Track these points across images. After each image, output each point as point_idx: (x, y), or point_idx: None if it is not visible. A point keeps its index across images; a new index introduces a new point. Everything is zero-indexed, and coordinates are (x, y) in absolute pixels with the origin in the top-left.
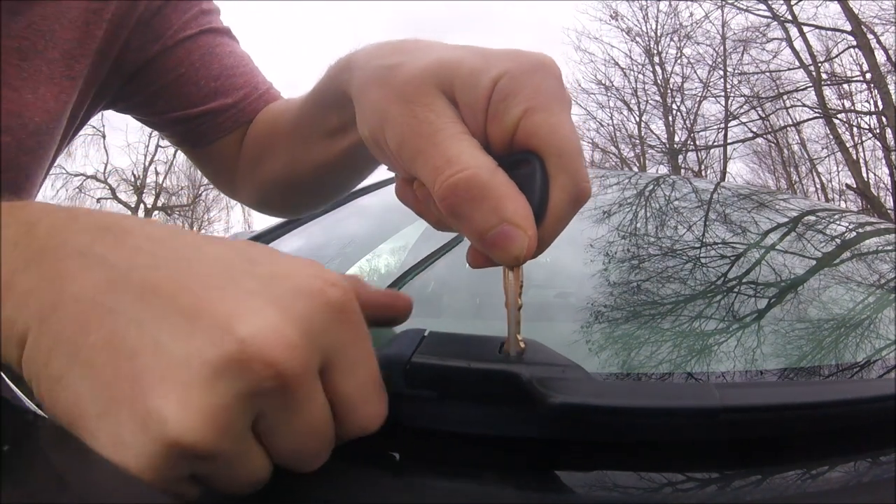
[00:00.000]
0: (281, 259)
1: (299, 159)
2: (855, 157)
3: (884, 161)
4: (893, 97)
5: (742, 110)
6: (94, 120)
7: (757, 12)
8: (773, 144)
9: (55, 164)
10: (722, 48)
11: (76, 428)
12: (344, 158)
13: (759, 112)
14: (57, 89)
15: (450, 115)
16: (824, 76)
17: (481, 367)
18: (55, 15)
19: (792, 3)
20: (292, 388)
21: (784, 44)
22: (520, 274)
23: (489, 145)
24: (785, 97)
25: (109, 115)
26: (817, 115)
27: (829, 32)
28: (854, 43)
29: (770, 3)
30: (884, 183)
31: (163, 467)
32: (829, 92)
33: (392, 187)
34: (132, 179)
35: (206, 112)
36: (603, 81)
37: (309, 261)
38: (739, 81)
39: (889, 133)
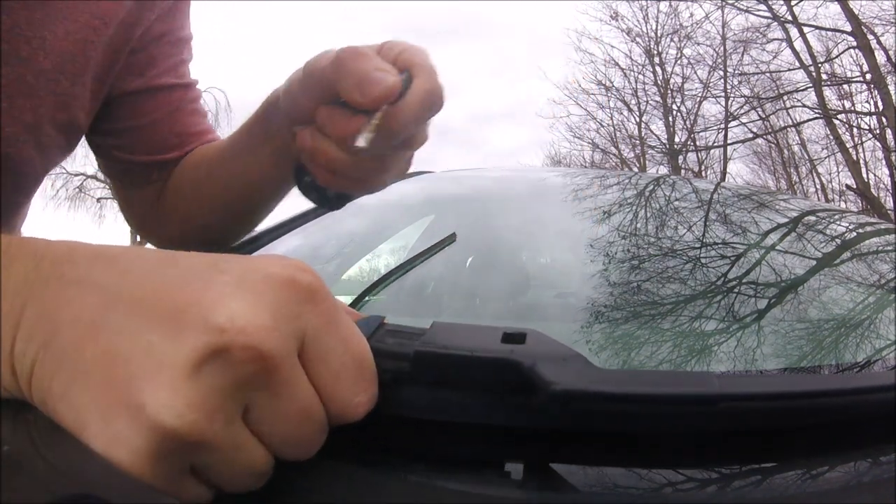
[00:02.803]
0: (251, 257)
1: (227, 179)
2: (855, 157)
3: (884, 162)
4: (893, 98)
5: (742, 111)
6: None
7: (757, 13)
8: (773, 145)
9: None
10: (722, 49)
11: (81, 440)
12: (267, 168)
13: (760, 112)
14: (35, 102)
15: None
16: (824, 77)
17: (483, 356)
18: (43, 22)
19: (792, 3)
20: (274, 370)
21: (784, 44)
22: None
23: None
24: (785, 98)
25: None
26: (817, 115)
27: (830, 33)
28: (854, 43)
29: (770, 3)
30: (884, 183)
31: (159, 459)
32: (829, 92)
33: (392, 187)
34: None
35: (160, 161)
36: (603, 82)
37: (278, 255)
38: (739, 82)
39: (889, 134)
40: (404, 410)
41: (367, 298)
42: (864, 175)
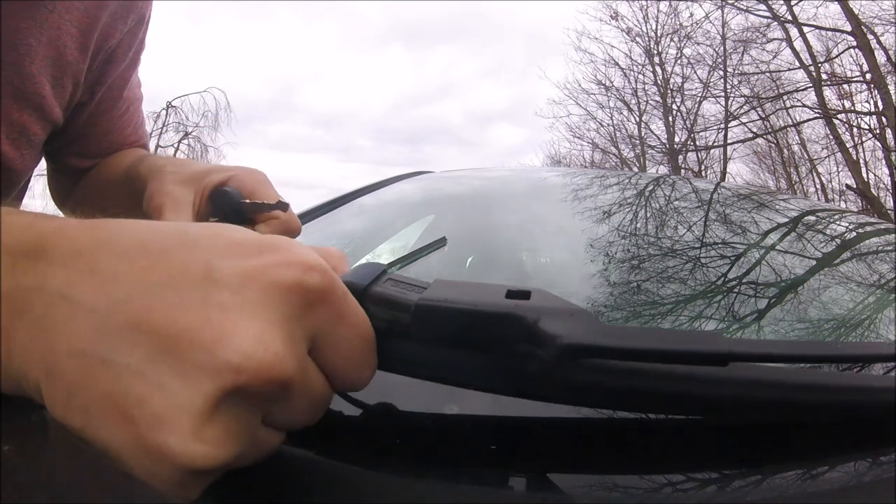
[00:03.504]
0: (251, 246)
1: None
2: (855, 157)
3: (884, 161)
4: (893, 98)
5: (742, 111)
6: None
7: (757, 13)
8: (773, 145)
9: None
10: (722, 48)
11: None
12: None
13: (759, 112)
14: (22, 103)
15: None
16: (824, 76)
17: (487, 309)
18: (29, 30)
19: (792, 3)
20: (289, 386)
21: (784, 44)
22: None
23: None
24: (785, 97)
25: None
26: (817, 115)
27: (829, 33)
28: (854, 43)
29: (770, 3)
30: (884, 183)
31: (197, 491)
32: (829, 92)
33: (391, 187)
34: None
35: (97, 163)
36: (603, 81)
37: (278, 241)
38: (739, 82)
39: (889, 133)
40: (405, 367)
41: None
42: (864, 175)
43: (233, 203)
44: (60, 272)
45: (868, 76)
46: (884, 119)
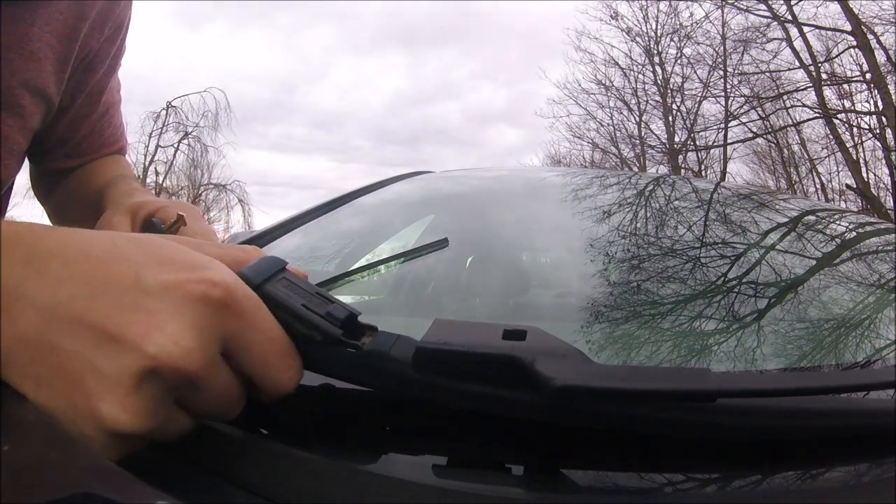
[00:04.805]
0: (172, 263)
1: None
2: (855, 157)
3: (884, 161)
4: (893, 97)
5: (742, 110)
6: None
7: (757, 12)
8: (773, 144)
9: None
10: (722, 48)
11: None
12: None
13: (759, 112)
14: (3, 115)
15: None
16: (824, 76)
17: (484, 352)
18: (9, 45)
19: (792, 3)
20: (196, 378)
21: (784, 44)
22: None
23: None
24: (785, 97)
25: None
26: (817, 115)
27: (829, 32)
28: (854, 43)
29: (770, 3)
30: (884, 183)
31: (123, 448)
32: (829, 92)
33: (391, 187)
34: None
35: (79, 165)
36: (603, 81)
37: (196, 260)
38: (739, 81)
39: (889, 133)
40: (412, 400)
41: (366, 298)
42: (864, 175)
43: (154, 230)
44: (16, 273)
45: (868, 76)
46: (884, 119)
